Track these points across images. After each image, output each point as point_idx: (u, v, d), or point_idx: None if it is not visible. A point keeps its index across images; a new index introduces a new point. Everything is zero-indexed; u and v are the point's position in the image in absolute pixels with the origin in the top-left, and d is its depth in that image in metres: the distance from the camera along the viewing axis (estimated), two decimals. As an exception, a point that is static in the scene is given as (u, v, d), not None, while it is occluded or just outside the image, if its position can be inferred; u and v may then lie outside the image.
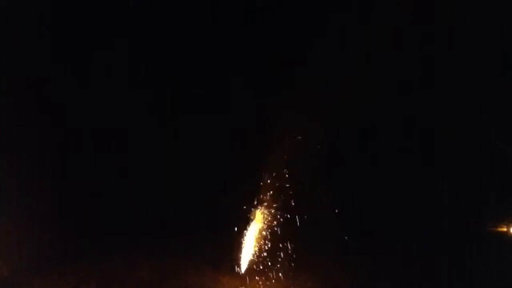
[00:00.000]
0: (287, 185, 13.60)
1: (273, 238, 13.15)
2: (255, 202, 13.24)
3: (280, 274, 12.77)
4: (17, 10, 15.18)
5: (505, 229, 14.44)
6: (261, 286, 12.44)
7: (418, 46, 15.84)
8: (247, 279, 12.67)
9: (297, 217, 13.36)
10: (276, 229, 13.24)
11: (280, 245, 13.13)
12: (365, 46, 15.65)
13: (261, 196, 13.30)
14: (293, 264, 12.95)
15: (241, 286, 12.36)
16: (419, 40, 15.82)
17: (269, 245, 13.07)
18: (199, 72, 16.08)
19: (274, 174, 13.51)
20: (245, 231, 13.03)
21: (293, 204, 13.45)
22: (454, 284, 12.56)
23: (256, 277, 12.68)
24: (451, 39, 15.88)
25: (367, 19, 15.85)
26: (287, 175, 13.67)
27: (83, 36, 15.86)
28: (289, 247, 13.09)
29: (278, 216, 13.31)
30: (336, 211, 14.45)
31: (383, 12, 15.85)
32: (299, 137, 14.06)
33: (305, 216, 13.48)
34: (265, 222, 13.22)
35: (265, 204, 13.28)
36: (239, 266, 12.83)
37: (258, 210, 13.22)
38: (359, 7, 15.80)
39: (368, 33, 15.81)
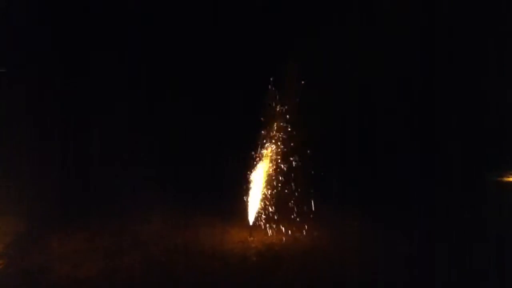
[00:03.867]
0: (292, 142, 13.82)
1: (278, 191, 13.40)
2: (260, 157, 13.44)
3: (286, 225, 13.07)
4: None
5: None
6: (269, 236, 12.72)
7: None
8: (255, 230, 12.97)
9: (301, 170, 13.63)
10: (281, 181, 13.47)
11: (285, 197, 13.42)
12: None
13: (266, 150, 13.50)
14: (299, 215, 13.30)
15: (250, 237, 12.61)
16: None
17: (275, 198, 13.32)
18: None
19: (278, 130, 13.72)
20: (251, 185, 13.27)
21: (297, 159, 13.69)
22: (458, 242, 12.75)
23: (264, 228, 12.99)
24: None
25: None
26: (290, 132, 13.87)
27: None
28: (294, 198, 13.38)
29: (283, 169, 13.54)
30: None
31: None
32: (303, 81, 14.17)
33: (309, 170, 13.78)
34: (270, 175, 13.43)
35: (270, 158, 13.49)
36: (247, 218, 13.12)
37: (263, 164, 13.43)
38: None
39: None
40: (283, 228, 12.94)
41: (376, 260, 11.48)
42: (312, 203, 13.54)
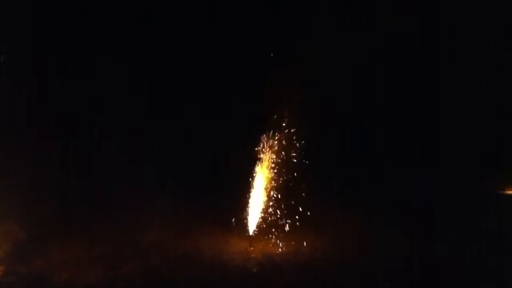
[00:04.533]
0: (291, 152, 13.82)
1: (278, 200, 13.39)
2: (260, 167, 13.44)
3: (287, 235, 13.12)
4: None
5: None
6: (270, 247, 12.76)
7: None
8: (256, 240, 13.01)
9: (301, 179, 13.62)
10: (281, 192, 13.46)
11: (286, 207, 13.43)
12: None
13: (266, 160, 13.50)
14: (300, 224, 13.32)
15: (251, 247, 12.63)
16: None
17: (275, 208, 13.32)
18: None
19: (278, 139, 13.73)
20: (252, 194, 13.26)
21: (296, 168, 13.67)
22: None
23: (264, 238, 13.02)
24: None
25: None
26: (291, 141, 13.86)
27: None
28: (295, 208, 13.36)
29: (283, 179, 13.54)
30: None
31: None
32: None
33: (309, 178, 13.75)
34: (271, 185, 13.43)
35: (270, 168, 13.48)
36: (247, 228, 13.14)
37: (263, 174, 13.43)
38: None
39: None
40: (285, 237, 12.96)
41: (376, 267, 11.53)
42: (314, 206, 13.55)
